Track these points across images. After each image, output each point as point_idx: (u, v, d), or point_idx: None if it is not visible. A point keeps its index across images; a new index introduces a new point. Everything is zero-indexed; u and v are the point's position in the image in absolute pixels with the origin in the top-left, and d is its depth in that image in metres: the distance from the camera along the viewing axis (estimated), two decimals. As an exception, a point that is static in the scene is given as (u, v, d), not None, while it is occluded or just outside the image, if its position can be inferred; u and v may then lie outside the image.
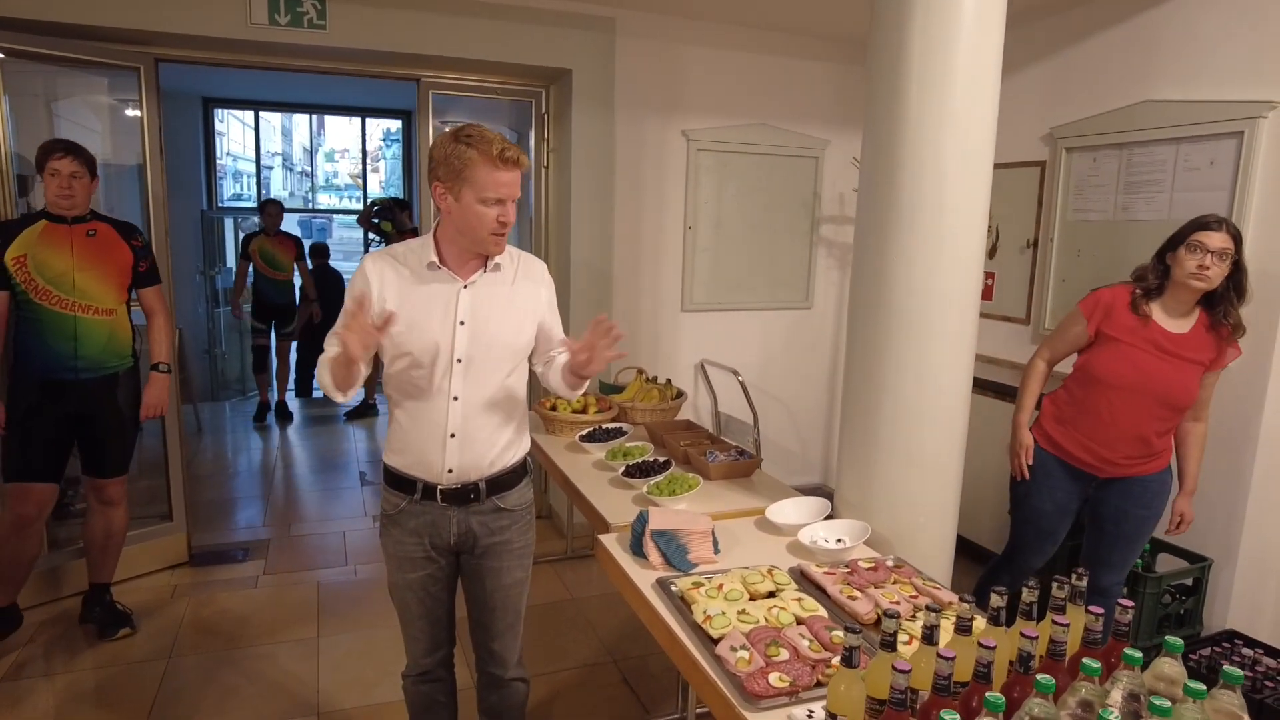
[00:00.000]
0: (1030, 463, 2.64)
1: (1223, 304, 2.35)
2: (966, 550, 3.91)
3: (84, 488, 3.10)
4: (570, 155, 3.85)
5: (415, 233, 5.56)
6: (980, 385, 3.78)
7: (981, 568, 3.87)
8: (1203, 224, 2.31)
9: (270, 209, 5.93)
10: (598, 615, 3.36)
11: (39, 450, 2.85)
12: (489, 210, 1.74)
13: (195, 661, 2.94)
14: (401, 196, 7.63)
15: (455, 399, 1.82)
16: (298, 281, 6.23)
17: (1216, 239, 2.27)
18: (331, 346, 1.79)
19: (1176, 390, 2.39)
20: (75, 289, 2.84)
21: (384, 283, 1.82)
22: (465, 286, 1.83)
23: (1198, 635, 2.96)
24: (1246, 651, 2.75)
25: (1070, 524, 2.67)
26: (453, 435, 1.83)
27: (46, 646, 2.99)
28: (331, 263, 6.88)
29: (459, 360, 1.81)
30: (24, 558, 2.94)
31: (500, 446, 1.90)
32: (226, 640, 3.09)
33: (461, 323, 1.81)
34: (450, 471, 1.85)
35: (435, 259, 1.82)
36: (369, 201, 7.18)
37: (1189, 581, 2.96)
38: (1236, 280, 2.33)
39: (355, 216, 6.99)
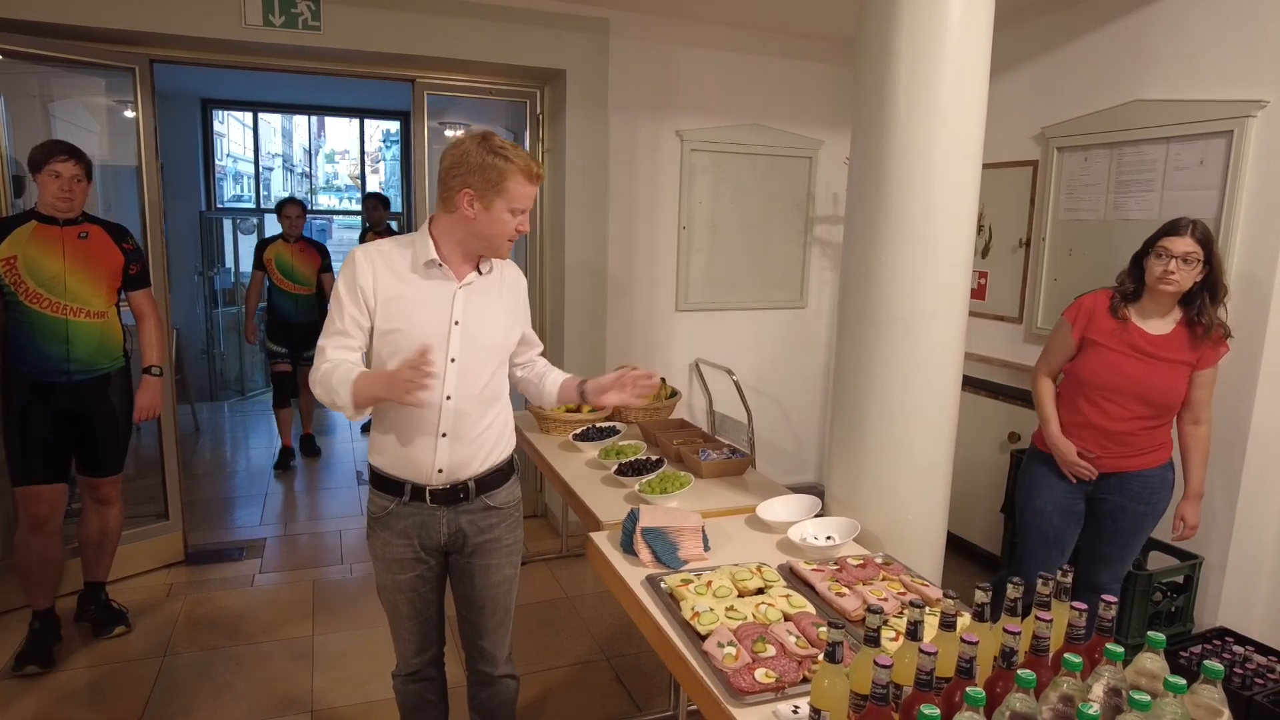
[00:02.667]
0: (1078, 463, 2.53)
1: (1196, 304, 2.37)
2: (957, 547, 3.93)
3: (79, 487, 3.10)
4: (565, 156, 3.86)
5: (390, 230, 5.54)
6: (973, 384, 3.80)
7: (972, 565, 3.89)
8: (1170, 229, 2.34)
9: (289, 210, 5.07)
10: (591, 613, 3.37)
11: (40, 452, 2.84)
12: (514, 220, 1.79)
13: (190, 659, 2.96)
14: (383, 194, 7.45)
15: (448, 398, 1.83)
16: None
17: (1181, 244, 2.30)
18: (351, 364, 1.79)
19: (1156, 390, 2.41)
20: (67, 292, 2.80)
21: (376, 277, 1.81)
22: (461, 287, 1.84)
23: (1188, 633, 2.97)
24: (1237, 649, 2.76)
25: (1075, 531, 2.63)
26: (444, 435, 1.84)
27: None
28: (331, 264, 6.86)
29: (453, 360, 1.82)
30: (50, 559, 2.93)
31: (490, 445, 1.91)
32: (222, 638, 3.10)
33: (456, 323, 1.83)
34: (440, 471, 1.86)
35: (436, 257, 1.82)
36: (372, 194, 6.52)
37: (1180, 579, 2.97)
38: (1210, 282, 2.35)
39: (359, 216, 6.77)
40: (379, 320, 1.81)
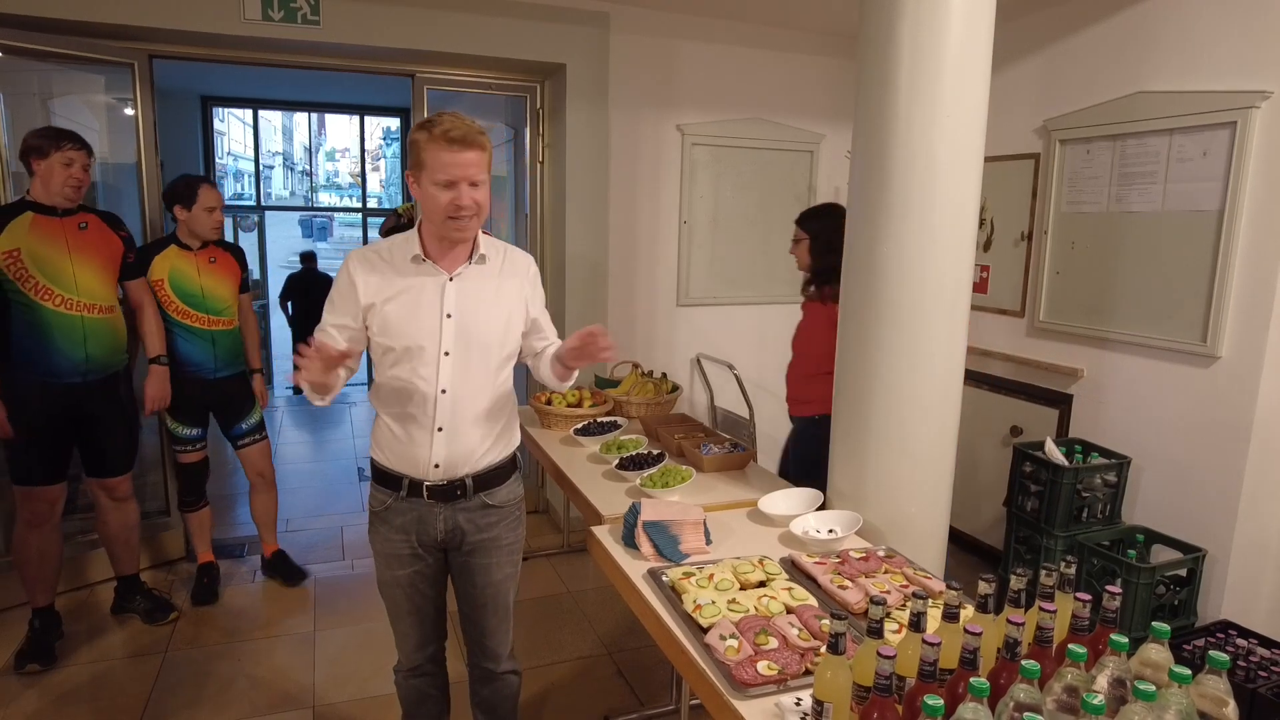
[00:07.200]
0: None
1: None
2: (959, 542, 3.92)
3: (90, 488, 3.05)
4: (565, 150, 3.85)
5: None
6: (975, 378, 3.79)
7: (975, 559, 3.89)
8: None
9: (206, 196, 3.16)
10: (594, 609, 3.37)
11: (45, 455, 2.79)
12: (443, 194, 1.70)
13: (191, 655, 2.95)
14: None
15: (443, 392, 1.81)
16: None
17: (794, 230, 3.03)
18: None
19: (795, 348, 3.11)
20: (78, 288, 2.73)
21: (367, 280, 1.80)
22: (451, 279, 1.82)
23: (1192, 626, 2.96)
24: (1241, 642, 2.74)
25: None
26: (440, 429, 1.82)
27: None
28: (330, 264, 6.83)
29: (446, 354, 1.81)
30: (48, 555, 2.89)
31: (490, 442, 1.89)
32: (223, 634, 3.10)
33: (448, 315, 1.81)
34: (437, 467, 1.84)
35: (419, 251, 1.81)
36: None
37: (1183, 572, 2.96)
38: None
39: (358, 214, 6.77)
40: (373, 326, 1.81)
